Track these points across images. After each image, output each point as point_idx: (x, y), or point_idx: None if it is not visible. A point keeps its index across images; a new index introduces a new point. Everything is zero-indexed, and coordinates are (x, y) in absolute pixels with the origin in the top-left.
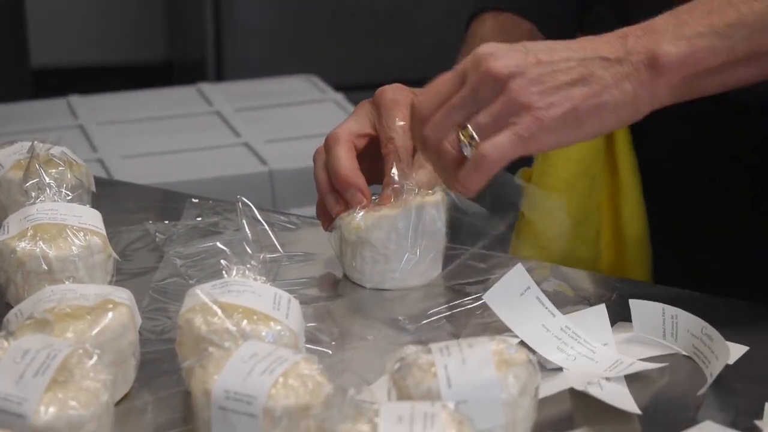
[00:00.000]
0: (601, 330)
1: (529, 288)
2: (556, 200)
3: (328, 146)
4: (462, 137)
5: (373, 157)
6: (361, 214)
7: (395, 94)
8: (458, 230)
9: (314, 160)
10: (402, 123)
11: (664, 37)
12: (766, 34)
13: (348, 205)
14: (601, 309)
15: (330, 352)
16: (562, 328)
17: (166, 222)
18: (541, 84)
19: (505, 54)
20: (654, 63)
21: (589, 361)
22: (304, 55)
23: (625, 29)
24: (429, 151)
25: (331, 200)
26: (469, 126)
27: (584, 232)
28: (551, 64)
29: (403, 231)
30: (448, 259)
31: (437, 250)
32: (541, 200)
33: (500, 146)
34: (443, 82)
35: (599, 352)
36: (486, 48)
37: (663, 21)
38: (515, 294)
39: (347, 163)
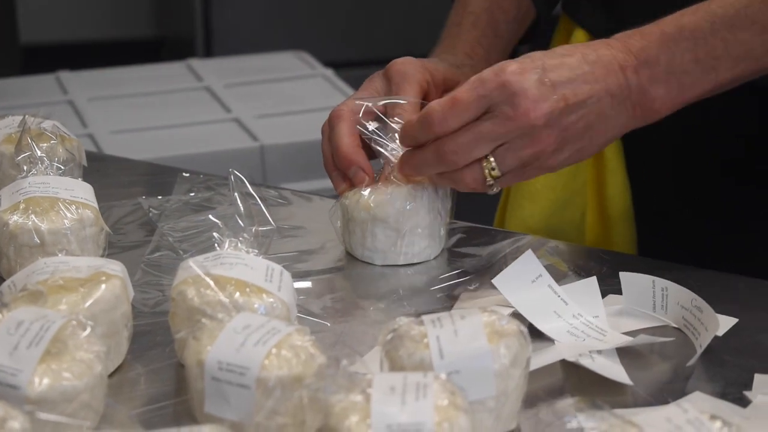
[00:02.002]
0: (592, 302)
1: (540, 276)
2: (542, 182)
3: (331, 123)
4: (488, 176)
5: None
6: (368, 191)
7: (406, 67)
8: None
9: (322, 134)
10: (411, 98)
11: (657, 74)
12: (751, 62)
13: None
14: (592, 281)
15: (323, 323)
16: (574, 315)
17: (159, 197)
18: (564, 136)
19: (538, 96)
20: (649, 104)
21: (599, 344)
22: (294, 31)
23: (621, 54)
24: (441, 167)
25: (337, 178)
26: (496, 167)
27: (570, 212)
28: (576, 109)
29: (414, 206)
30: (451, 232)
31: (445, 224)
32: (526, 182)
33: (509, 183)
34: (467, 103)
35: (609, 336)
36: (517, 81)
37: (654, 53)
38: (527, 280)
39: (349, 140)
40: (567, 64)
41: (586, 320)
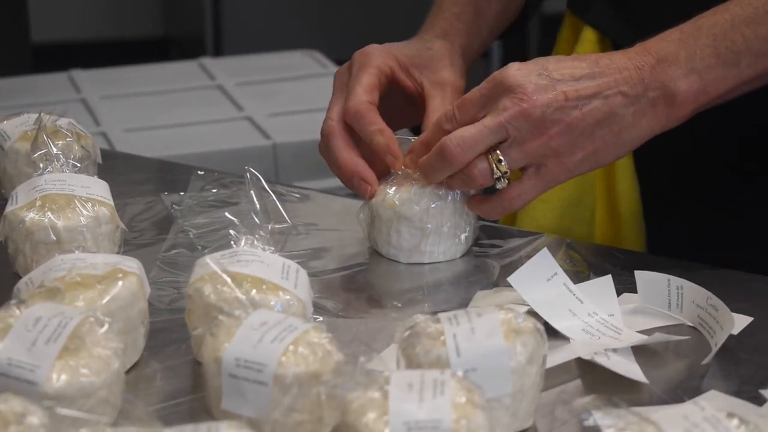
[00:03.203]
0: (607, 300)
1: (556, 274)
2: None
3: (324, 142)
4: (495, 168)
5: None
6: (393, 189)
7: (366, 54)
8: None
9: (321, 154)
10: (366, 83)
11: (676, 71)
12: None
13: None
14: (608, 279)
15: (339, 321)
16: (589, 314)
17: (182, 193)
18: (570, 130)
19: (536, 88)
20: (670, 101)
21: (614, 342)
22: (304, 29)
23: (637, 56)
24: (447, 167)
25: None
26: (503, 160)
27: (580, 211)
28: (579, 104)
29: (439, 205)
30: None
31: (472, 224)
32: None
33: (526, 193)
34: (471, 101)
35: (625, 335)
36: (516, 74)
37: (673, 49)
38: (542, 279)
39: (345, 154)
40: (573, 65)
41: (602, 318)
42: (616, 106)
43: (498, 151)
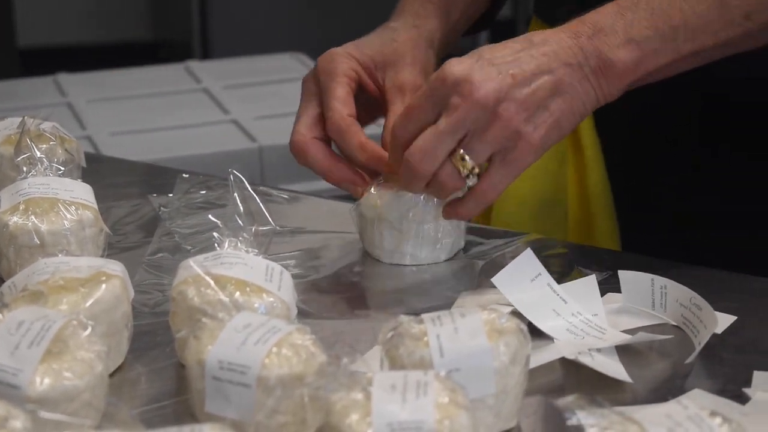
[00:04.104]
0: (591, 300)
1: (540, 274)
2: (528, 185)
3: (301, 157)
4: (461, 168)
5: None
6: (379, 189)
7: (330, 64)
8: None
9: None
10: (341, 95)
11: (613, 39)
12: (709, 35)
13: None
14: (591, 279)
15: (323, 322)
16: (573, 314)
17: (170, 195)
18: (526, 107)
19: (481, 77)
20: (609, 69)
21: (598, 342)
22: (291, 33)
23: (574, 25)
24: (418, 178)
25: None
26: (467, 157)
27: (554, 212)
28: (527, 81)
29: (418, 210)
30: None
31: (456, 229)
32: (512, 188)
33: (498, 183)
34: (418, 106)
35: (609, 335)
36: (457, 70)
37: (610, 20)
38: (525, 279)
39: (326, 164)
40: (509, 47)
41: (585, 318)
42: (563, 76)
43: (461, 150)
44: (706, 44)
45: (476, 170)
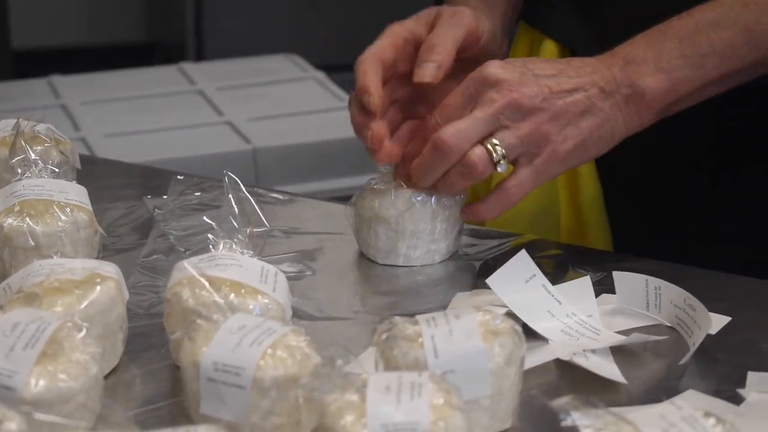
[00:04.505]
0: (585, 301)
1: (534, 276)
2: None
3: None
4: (494, 152)
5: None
6: (375, 188)
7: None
8: None
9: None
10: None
11: (644, 70)
12: (736, 61)
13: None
14: (586, 280)
15: (318, 324)
16: (568, 315)
17: (164, 197)
18: (558, 118)
19: (521, 81)
20: (639, 97)
21: (593, 343)
22: (285, 34)
23: (606, 58)
24: (446, 157)
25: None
26: (499, 143)
27: (548, 220)
28: (562, 96)
29: (415, 210)
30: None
31: (452, 231)
32: None
33: (523, 184)
34: (454, 101)
35: (603, 335)
36: (499, 71)
37: (641, 52)
38: (520, 280)
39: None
40: (550, 63)
41: (580, 319)
42: (595, 99)
43: (493, 138)
44: (733, 69)
45: (507, 159)
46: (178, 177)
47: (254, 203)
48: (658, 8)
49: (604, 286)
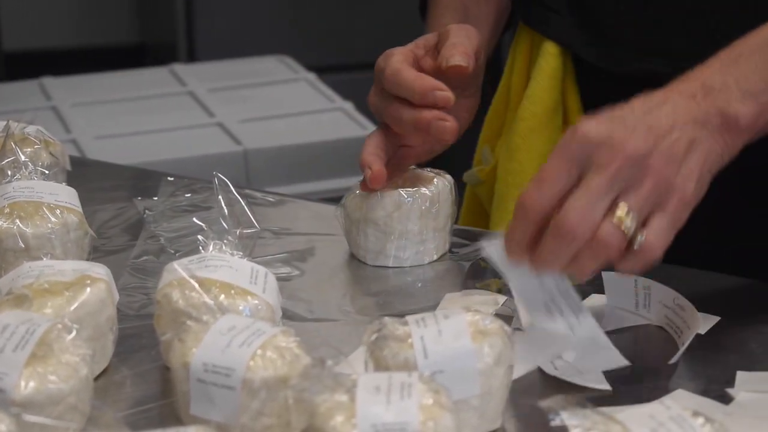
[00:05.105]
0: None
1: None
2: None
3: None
4: (625, 225)
5: None
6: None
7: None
8: None
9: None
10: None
11: (729, 95)
12: None
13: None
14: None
15: (308, 324)
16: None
17: (155, 198)
18: (673, 159)
19: (625, 133)
20: (732, 124)
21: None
22: (276, 35)
23: (681, 85)
24: (572, 245)
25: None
26: (630, 212)
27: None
28: (666, 135)
29: (403, 211)
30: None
31: (441, 231)
32: (510, 199)
33: (664, 234)
34: (556, 172)
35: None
36: (597, 128)
37: (719, 77)
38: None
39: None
40: (634, 107)
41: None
42: (693, 132)
43: (619, 205)
44: None
45: (639, 228)
46: (169, 178)
47: (244, 204)
48: (657, 12)
49: (593, 286)
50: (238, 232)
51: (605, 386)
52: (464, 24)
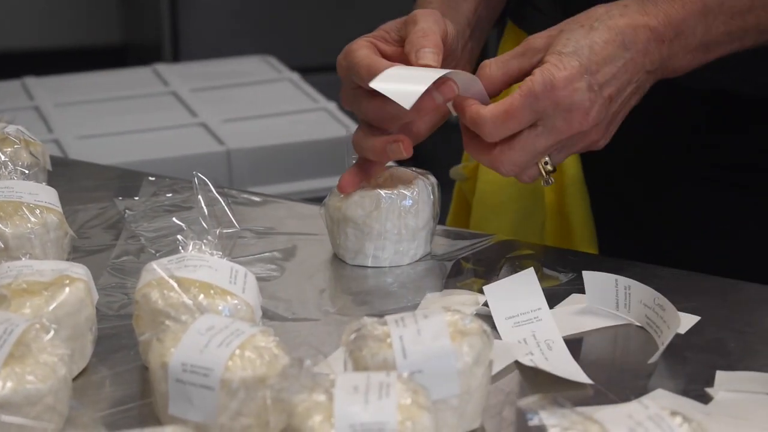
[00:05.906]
0: (532, 294)
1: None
2: (507, 194)
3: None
4: (543, 171)
5: None
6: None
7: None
8: None
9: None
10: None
11: (689, 44)
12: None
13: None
14: (530, 272)
15: (287, 324)
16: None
17: (135, 198)
18: (609, 123)
19: (589, 105)
20: (670, 71)
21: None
22: (260, 36)
23: (660, 27)
24: (502, 173)
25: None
26: (550, 163)
27: (532, 222)
28: (617, 98)
29: (381, 211)
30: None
31: (422, 232)
32: (490, 195)
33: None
34: (519, 118)
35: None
36: (568, 97)
37: (693, 23)
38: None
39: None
40: (609, 56)
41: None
42: (642, 83)
43: (546, 158)
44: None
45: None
46: (150, 178)
47: (224, 204)
48: None
49: (574, 286)
50: (218, 232)
51: (585, 379)
52: (430, 9)
